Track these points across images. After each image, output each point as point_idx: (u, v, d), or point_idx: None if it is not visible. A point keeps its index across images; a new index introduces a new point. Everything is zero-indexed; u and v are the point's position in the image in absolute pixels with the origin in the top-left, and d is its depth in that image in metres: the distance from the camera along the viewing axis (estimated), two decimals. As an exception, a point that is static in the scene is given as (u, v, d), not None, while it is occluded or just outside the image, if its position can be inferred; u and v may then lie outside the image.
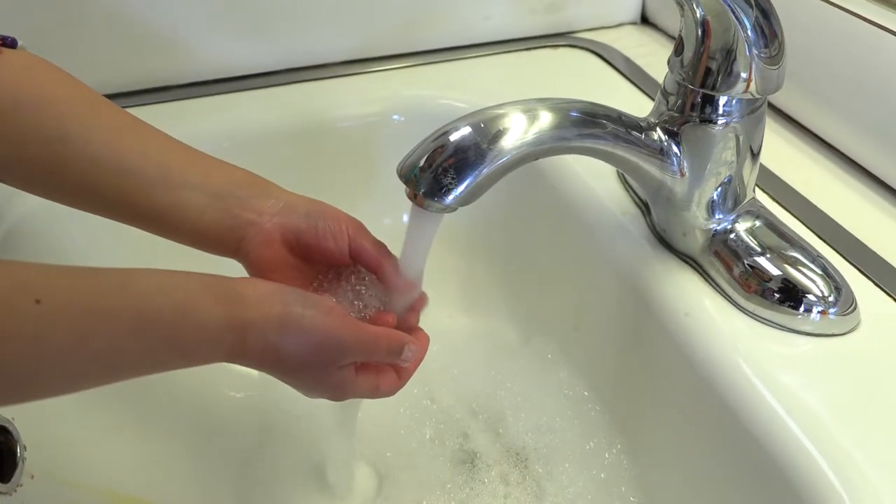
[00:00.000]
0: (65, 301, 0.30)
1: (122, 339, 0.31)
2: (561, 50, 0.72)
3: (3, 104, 0.37)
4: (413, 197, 0.38)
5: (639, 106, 0.61)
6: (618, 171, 0.55)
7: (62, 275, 0.30)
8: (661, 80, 0.66)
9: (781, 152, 0.57)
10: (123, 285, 0.32)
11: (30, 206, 0.53)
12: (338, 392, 0.39)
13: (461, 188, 0.37)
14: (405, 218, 0.41)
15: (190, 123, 0.61)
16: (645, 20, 0.77)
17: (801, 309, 0.42)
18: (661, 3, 0.75)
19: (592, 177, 0.55)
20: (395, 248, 0.43)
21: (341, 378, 0.38)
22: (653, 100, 0.63)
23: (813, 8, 0.55)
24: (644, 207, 0.51)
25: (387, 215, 0.60)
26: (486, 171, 0.37)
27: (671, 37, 0.74)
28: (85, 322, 0.30)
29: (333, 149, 0.64)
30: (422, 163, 0.37)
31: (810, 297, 0.42)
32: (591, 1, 0.74)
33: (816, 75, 0.56)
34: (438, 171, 0.37)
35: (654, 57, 0.70)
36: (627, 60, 0.70)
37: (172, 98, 0.63)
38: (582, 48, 0.72)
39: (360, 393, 0.39)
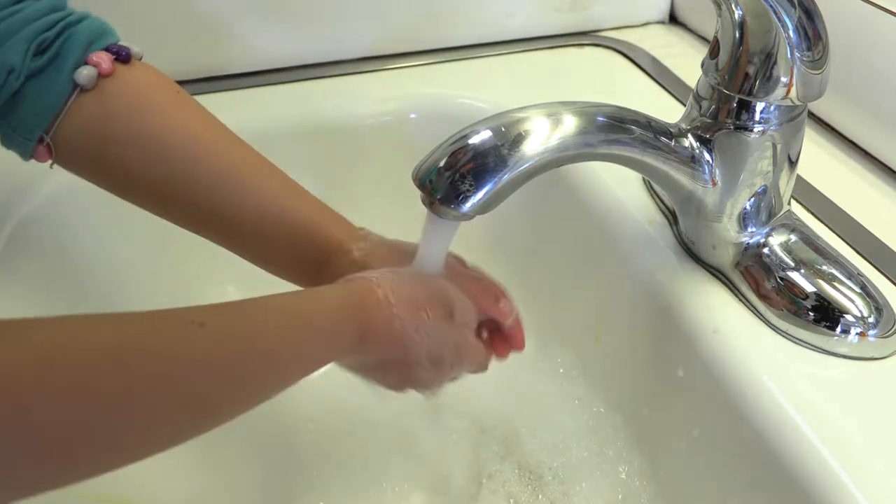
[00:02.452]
0: (225, 322, 0.31)
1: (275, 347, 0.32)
2: (586, 49, 0.70)
3: (120, 138, 0.39)
4: (428, 204, 0.36)
5: (666, 109, 0.59)
6: (643, 178, 0.53)
7: (213, 306, 0.31)
8: (690, 82, 0.64)
9: (820, 162, 0.54)
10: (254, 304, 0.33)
11: (37, 203, 0.52)
12: (457, 353, 0.39)
13: (479, 196, 0.35)
14: (420, 219, 0.39)
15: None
16: (674, 19, 0.75)
17: (838, 330, 0.40)
18: (691, 1, 0.73)
19: (617, 183, 0.53)
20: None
21: (463, 336, 0.39)
22: (681, 103, 0.61)
23: (855, 10, 0.52)
24: (671, 217, 0.48)
25: (400, 216, 0.59)
26: (506, 177, 0.35)
27: (701, 37, 0.71)
28: (242, 342, 0.31)
29: (348, 147, 0.62)
30: (438, 168, 0.35)
31: (848, 317, 0.40)
32: (617, -2, 0.72)
33: (858, 81, 0.53)
34: (456, 177, 0.35)
35: (683, 58, 0.67)
36: (655, 61, 0.67)
37: (184, 93, 0.62)
38: (608, 48, 0.70)
39: (477, 357, 0.40)
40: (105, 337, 0.26)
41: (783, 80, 0.37)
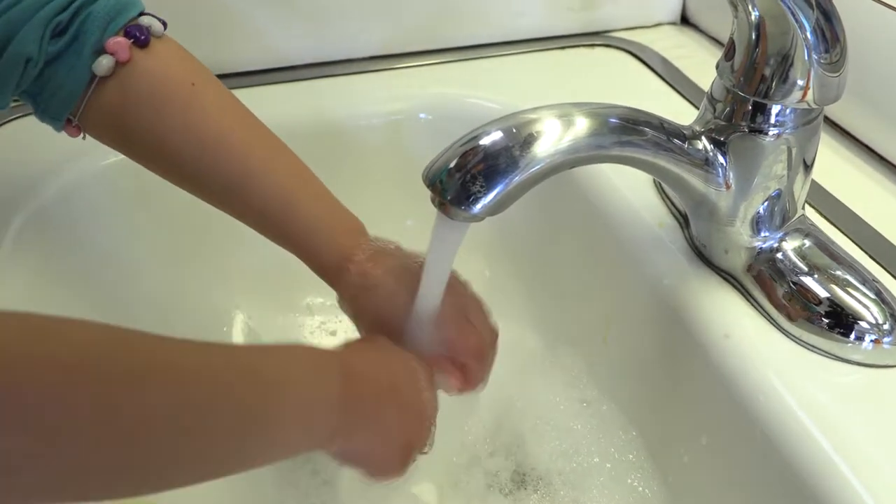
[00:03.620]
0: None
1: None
2: (597, 50, 0.70)
3: (137, 126, 0.39)
4: (439, 204, 0.36)
5: (677, 111, 0.58)
6: (654, 180, 0.52)
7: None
8: (701, 84, 0.63)
9: (834, 166, 0.54)
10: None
11: (48, 196, 0.52)
12: (422, 416, 0.38)
13: (490, 197, 0.35)
14: (429, 219, 0.39)
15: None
16: (685, 20, 0.74)
17: (852, 336, 0.39)
18: (703, 2, 0.72)
19: (627, 184, 0.52)
20: (419, 251, 0.41)
21: (426, 398, 0.38)
22: (692, 105, 0.61)
23: (871, 11, 0.51)
24: (682, 219, 0.48)
25: (409, 216, 0.58)
26: (517, 179, 0.35)
27: (713, 38, 0.71)
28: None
29: (356, 146, 0.62)
30: (449, 168, 0.35)
31: (862, 323, 0.39)
32: (628, -1, 0.72)
33: (873, 84, 0.53)
34: (467, 178, 0.34)
35: (695, 59, 0.67)
36: (666, 62, 0.67)
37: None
38: (618, 48, 0.69)
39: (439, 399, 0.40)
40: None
41: (800, 82, 0.37)
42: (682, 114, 0.44)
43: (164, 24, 0.41)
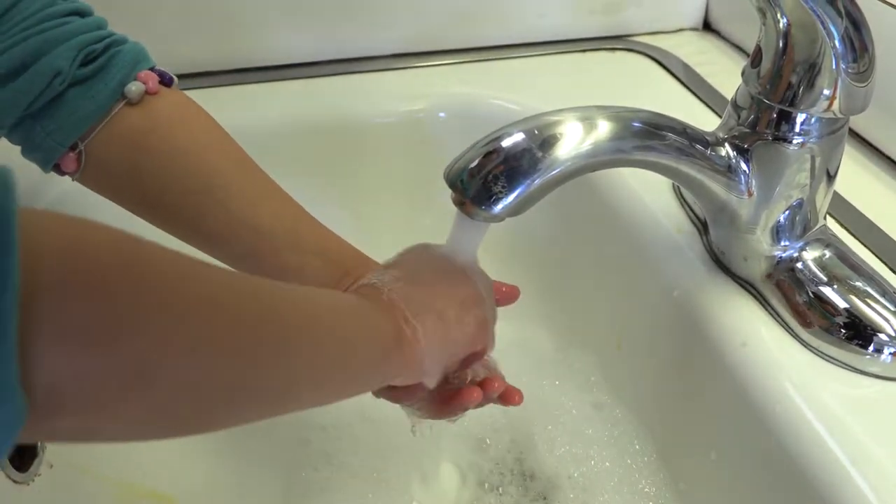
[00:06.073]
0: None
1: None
2: (618, 54, 0.69)
3: (160, 149, 0.40)
4: (460, 203, 0.36)
5: (698, 117, 0.58)
6: (673, 185, 0.52)
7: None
8: (722, 90, 0.63)
9: (855, 178, 0.53)
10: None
11: (47, 202, 0.51)
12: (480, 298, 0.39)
13: (511, 198, 0.35)
14: (448, 219, 0.39)
15: (229, 112, 0.58)
16: (707, 26, 0.74)
17: (871, 348, 0.39)
18: (726, 8, 0.71)
19: (646, 189, 0.52)
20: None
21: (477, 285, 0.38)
22: (713, 111, 0.60)
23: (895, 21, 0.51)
24: (701, 226, 0.48)
25: (427, 216, 0.58)
26: (538, 181, 0.35)
27: (735, 45, 0.70)
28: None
29: (376, 144, 0.62)
30: (471, 168, 0.35)
31: (881, 336, 0.39)
32: (651, 3, 0.71)
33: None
34: (488, 178, 0.34)
35: (717, 66, 0.66)
36: (687, 68, 0.66)
37: (211, 84, 0.62)
38: (640, 53, 0.69)
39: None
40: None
41: (826, 91, 0.36)
42: (704, 120, 0.44)
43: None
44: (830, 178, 0.41)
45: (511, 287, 0.44)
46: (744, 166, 0.39)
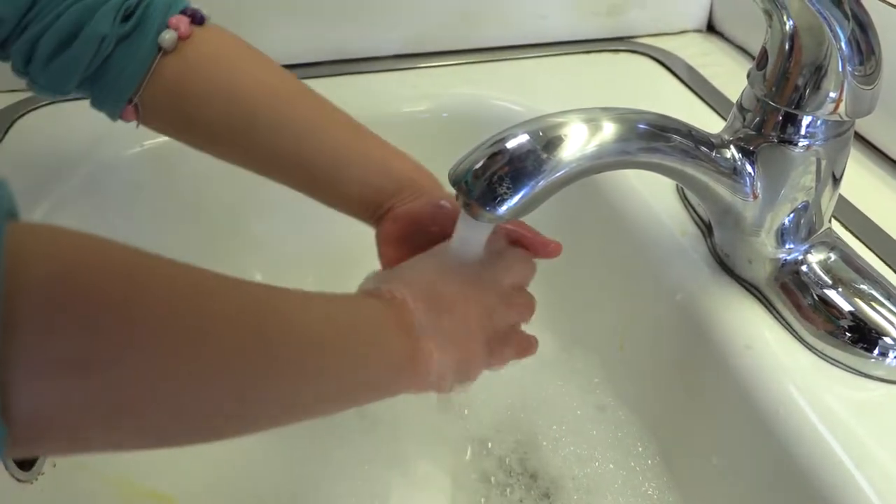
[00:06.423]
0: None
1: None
2: (621, 55, 0.69)
3: (197, 93, 0.42)
4: (464, 204, 0.36)
5: (702, 119, 0.58)
6: (677, 187, 0.52)
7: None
8: (726, 92, 0.63)
9: (861, 181, 0.53)
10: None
11: (70, 187, 0.52)
12: (503, 306, 0.40)
13: (516, 199, 0.35)
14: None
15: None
16: (711, 28, 0.74)
17: (876, 352, 0.39)
18: (730, 10, 0.71)
19: (650, 191, 0.52)
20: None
21: (502, 291, 0.40)
22: (717, 113, 0.60)
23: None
24: (705, 228, 0.48)
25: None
26: (543, 182, 0.35)
27: (739, 47, 0.70)
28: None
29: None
30: (476, 169, 0.35)
31: (887, 339, 0.39)
32: (654, 4, 0.71)
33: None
34: (493, 179, 0.34)
35: (720, 68, 0.66)
36: (691, 70, 0.66)
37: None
38: (644, 54, 0.69)
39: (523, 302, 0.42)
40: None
41: (832, 94, 0.36)
42: (707, 122, 0.44)
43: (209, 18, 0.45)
44: (836, 181, 0.41)
45: (554, 244, 0.45)
46: (749, 169, 0.39)
